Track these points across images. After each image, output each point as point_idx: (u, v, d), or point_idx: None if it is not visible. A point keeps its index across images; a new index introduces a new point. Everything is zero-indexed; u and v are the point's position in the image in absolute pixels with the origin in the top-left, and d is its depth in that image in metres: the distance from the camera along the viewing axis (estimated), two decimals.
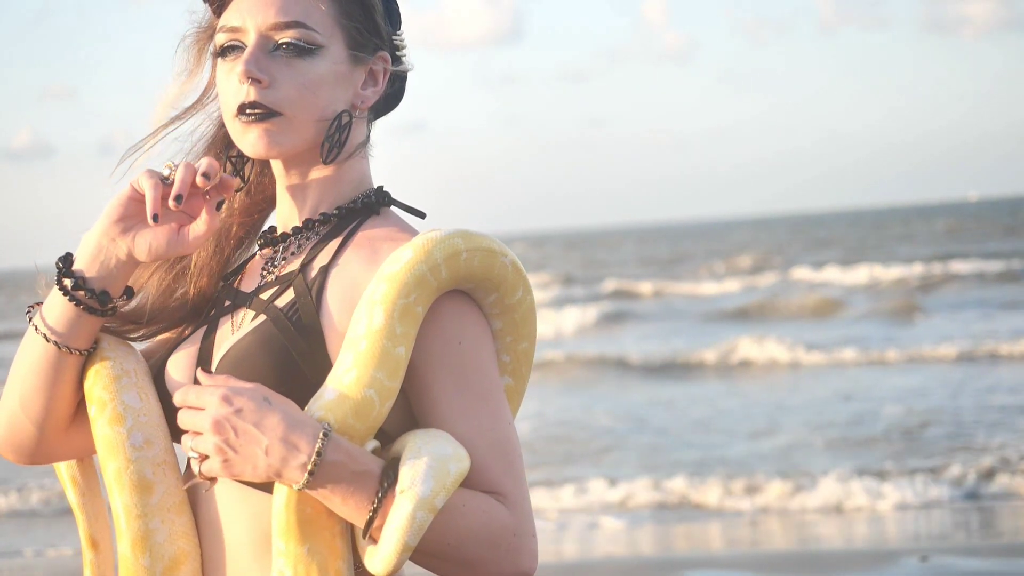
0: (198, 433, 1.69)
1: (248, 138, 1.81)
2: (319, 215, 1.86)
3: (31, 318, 1.84)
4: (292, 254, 1.86)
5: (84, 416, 1.86)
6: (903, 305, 23.98)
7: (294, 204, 1.88)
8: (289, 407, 1.67)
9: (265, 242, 1.90)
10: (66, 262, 1.81)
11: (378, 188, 1.90)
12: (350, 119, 1.84)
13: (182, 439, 1.72)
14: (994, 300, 24.62)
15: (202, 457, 1.69)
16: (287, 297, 1.80)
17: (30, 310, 1.85)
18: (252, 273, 1.91)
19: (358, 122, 1.87)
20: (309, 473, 1.64)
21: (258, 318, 1.80)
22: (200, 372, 1.73)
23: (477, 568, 1.70)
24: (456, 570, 1.71)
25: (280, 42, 1.81)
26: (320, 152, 1.83)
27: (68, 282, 1.80)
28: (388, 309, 1.70)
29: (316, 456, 1.64)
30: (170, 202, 1.75)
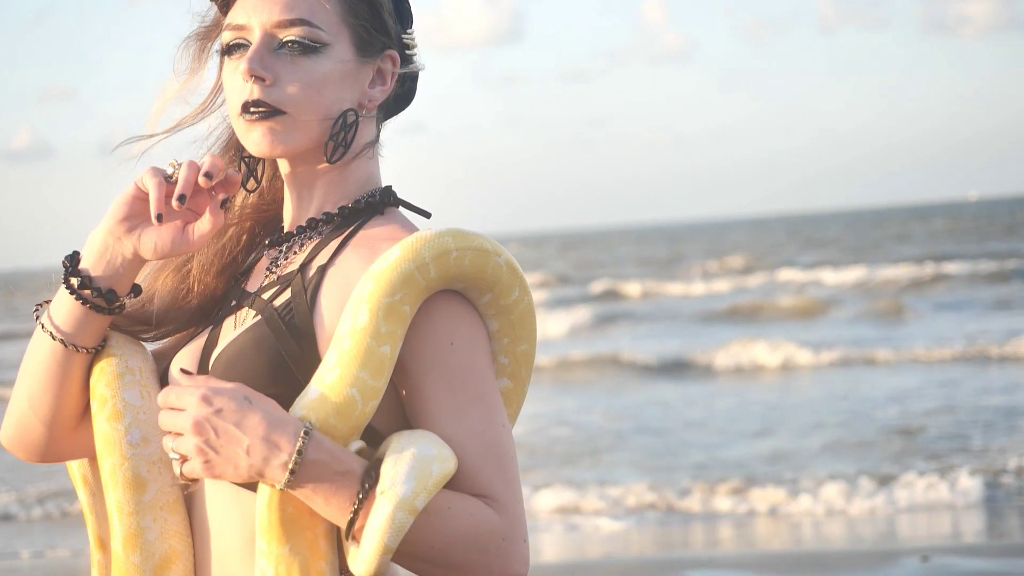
0: (179, 434, 1.67)
1: (252, 136, 1.80)
2: (322, 214, 1.85)
3: (39, 316, 1.83)
4: (295, 253, 1.85)
5: None
6: (893, 306, 23.96)
7: (300, 203, 1.87)
8: (270, 406, 1.66)
9: (271, 242, 1.89)
10: (72, 261, 1.80)
11: (384, 188, 1.88)
12: (356, 118, 1.82)
13: (163, 440, 1.71)
14: (987, 300, 24.61)
15: (183, 458, 1.67)
16: (284, 297, 1.79)
17: (38, 308, 1.84)
18: (259, 273, 1.89)
19: (366, 121, 1.85)
20: (290, 472, 1.62)
21: (255, 318, 1.79)
22: (180, 372, 1.71)
23: (465, 572, 1.68)
24: (444, 574, 1.69)
25: (285, 40, 1.79)
26: (324, 151, 1.81)
27: (75, 281, 1.79)
28: (373, 308, 1.68)
29: (297, 455, 1.62)
30: (173, 202, 1.74)
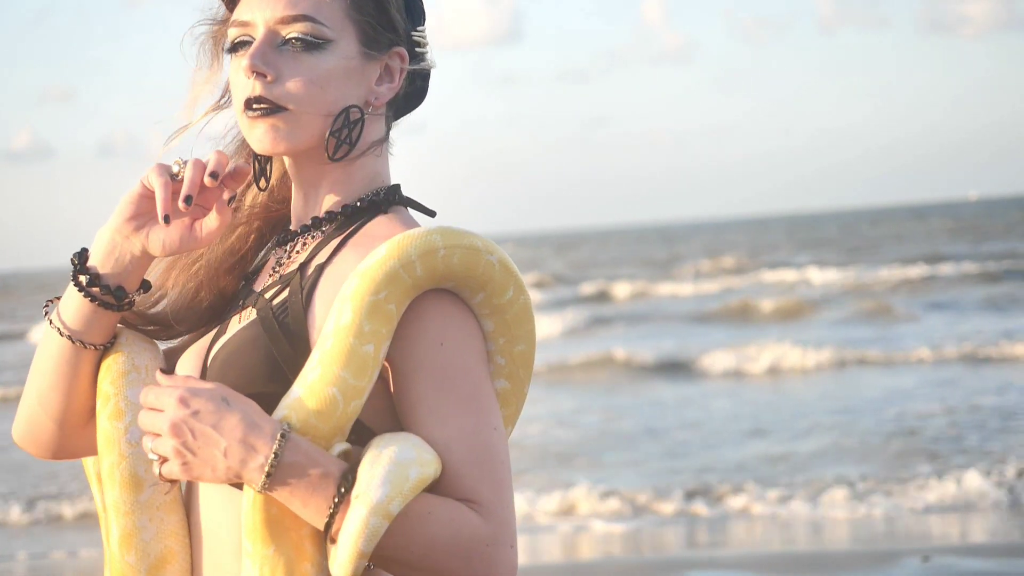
0: (158, 435, 1.65)
1: (255, 133, 1.78)
2: (325, 213, 1.83)
3: (48, 313, 1.82)
4: (297, 252, 1.84)
5: None
6: (883, 306, 23.93)
7: (306, 202, 1.85)
8: (249, 407, 1.64)
9: (278, 240, 1.88)
10: (81, 258, 1.80)
11: (391, 186, 1.85)
12: (361, 115, 1.80)
13: (142, 441, 1.69)
14: (983, 301, 24.58)
15: (162, 459, 1.66)
16: (283, 296, 1.77)
17: (47, 305, 1.83)
18: (266, 272, 1.88)
19: (373, 119, 1.83)
20: (267, 475, 1.61)
21: (253, 317, 1.78)
22: (159, 373, 1.69)
23: None
24: None
25: (288, 36, 1.78)
26: (326, 148, 1.79)
27: (83, 278, 1.78)
28: (356, 306, 1.66)
29: (274, 457, 1.61)
30: (180, 203, 1.73)
